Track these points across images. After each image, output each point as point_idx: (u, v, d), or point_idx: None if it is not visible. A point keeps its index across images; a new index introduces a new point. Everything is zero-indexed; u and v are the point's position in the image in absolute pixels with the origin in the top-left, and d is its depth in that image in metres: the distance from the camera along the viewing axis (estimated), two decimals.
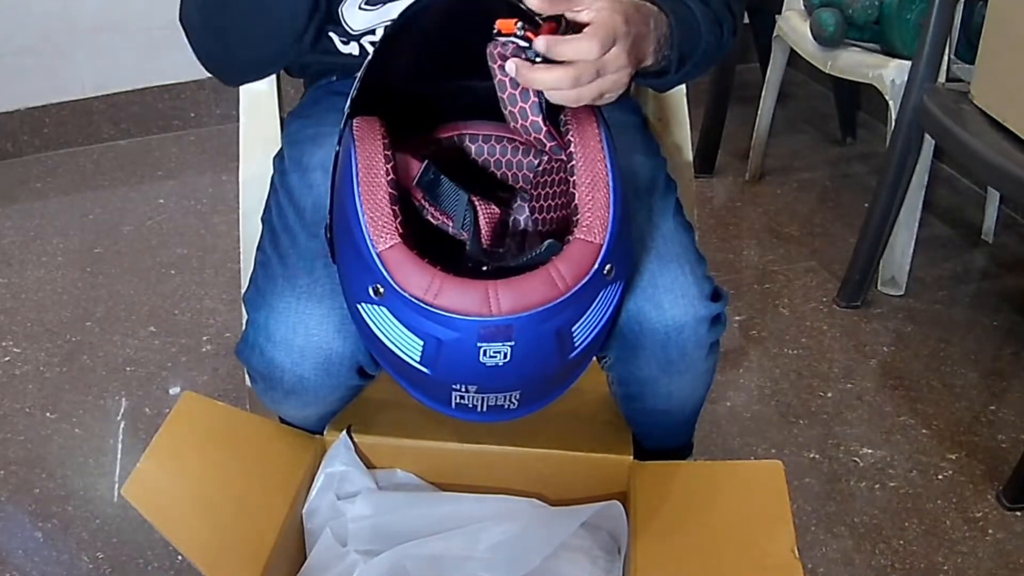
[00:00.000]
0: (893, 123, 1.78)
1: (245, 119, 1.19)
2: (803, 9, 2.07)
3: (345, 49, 1.07)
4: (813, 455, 1.55)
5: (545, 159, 0.92)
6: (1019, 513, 1.44)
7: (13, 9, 2.37)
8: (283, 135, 1.14)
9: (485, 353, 0.75)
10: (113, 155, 2.56)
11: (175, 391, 1.71)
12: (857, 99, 2.55)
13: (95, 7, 2.42)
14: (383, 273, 0.75)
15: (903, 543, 1.40)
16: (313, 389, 0.92)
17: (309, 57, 1.09)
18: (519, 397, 0.82)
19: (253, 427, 1.02)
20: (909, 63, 1.73)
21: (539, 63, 0.77)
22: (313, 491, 1.03)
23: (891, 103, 1.81)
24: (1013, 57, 1.43)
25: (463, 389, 0.80)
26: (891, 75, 1.81)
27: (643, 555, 0.93)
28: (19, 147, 2.53)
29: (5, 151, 2.52)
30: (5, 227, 2.24)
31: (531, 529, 0.98)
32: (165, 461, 0.92)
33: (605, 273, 0.78)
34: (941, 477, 1.51)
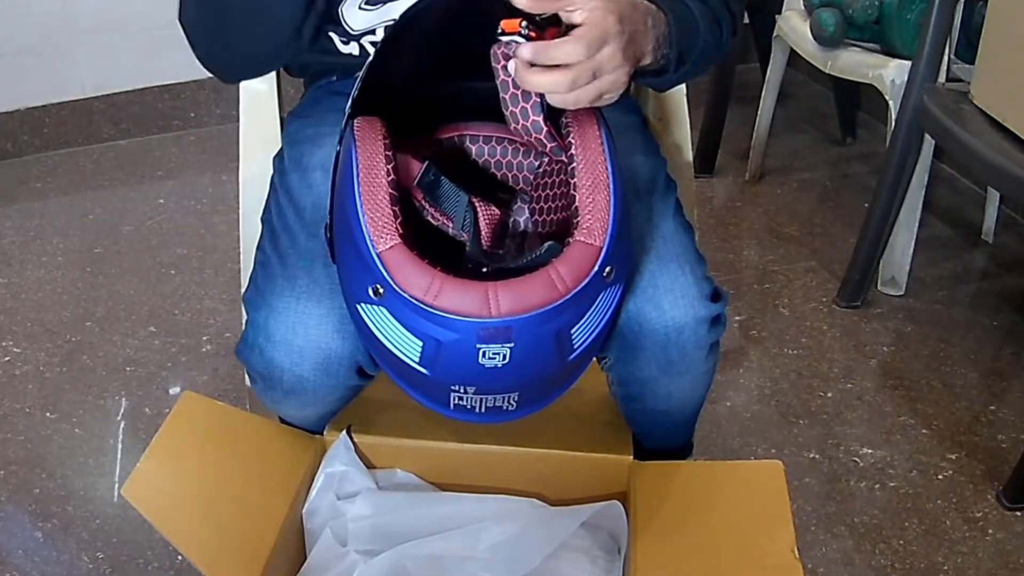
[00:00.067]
0: (893, 123, 1.78)
1: (245, 119, 1.19)
2: (803, 9, 2.07)
3: (345, 49, 1.07)
4: (813, 455, 1.55)
5: (545, 160, 0.92)
6: (1019, 513, 1.44)
7: (13, 9, 2.37)
8: (283, 135, 1.14)
9: (484, 354, 0.75)
10: (113, 155, 2.56)
11: (175, 391, 1.71)
12: (857, 99, 2.55)
13: (95, 7, 2.42)
14: (383, 273, 0.75)
15: (903, 543, 1.40)
16: (312, 389, 0.92)
17: (309, 57, 1.09)
18: (518, 398, 0.82)
19: (253, 427, 1.02)
20: (909, 63, 1.73)
21: (536, 66, 0.77)
22: (313, 491, 1.03)
23: (891, 103, 1.81)
24: (1013, 57, 1.43)
25: (462, 390, 0.80)
26: (891, 75, 1.81)
27: (643, 555, 0.93)
28: (19, 147, 2.53)
29: (5, 151, 2.52)
30: (5, 227, 2.24)
31: (531, 529, 0.98)
32: (165, 461, 0.92)
33: (605, 275, 0.78)
34: (941, 477, 1.51)
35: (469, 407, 0.81)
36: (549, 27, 0.79)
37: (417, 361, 0.78)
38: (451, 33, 0.83)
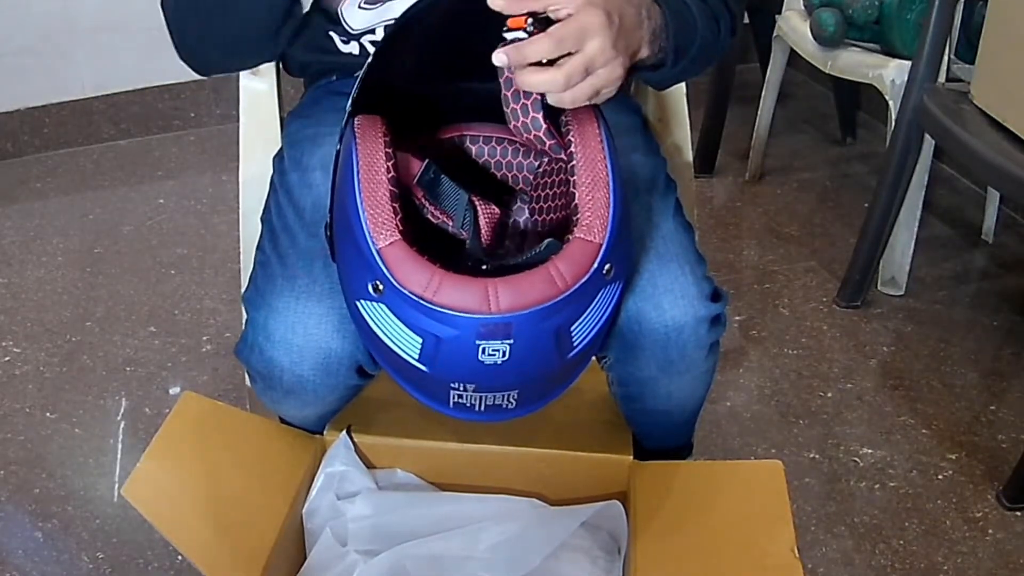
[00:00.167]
0: (893, 123, 1.78)
1: (245, 119, 1.19)
2: (803, 9, 2.07)
3: (345, 48, 1.07)
4: (813, 455, 1.55)
5: (545, 160, 0.92)
6: (1019, 513, 1.44)
7: (13, 9, 2.37)
8: (283, 135, 1.14)
9: (484, 351, 0.75)
10: (113, 155, 2.56)
11: (175, 391, 1.71)
12: (857, 99, 2.55)
13: (95, 7, 2.42)
14: (383, 270, 0.75)
15: (903, 543, 1.40)
16: (312, 388, 0.92)
17: (309, 56, 1.09)
18: (517, 396, 0.81)
19: (253, 427, 1.02)
20: (909, 63, 1.73)
21: (532, 64, 0.77)
22: (313, 491, 1.03)
23: (891, 103, 1.81)
24: (1013, 57, 1.43)
25: (461, 388, 0.79)
26: (891, 75, 1.81)
27: (643, 555, 0.93)
28: (19, 147, 2.53)
29: (5, 151, 2.52)
30: (5, 227, 2.24)
31: (531, 529, 0.98)
32: (165, 461, 0.92)
33: (604, 273, 0.78)
34: (941, 477, 1.51)
35: (469, 405, 0.81)
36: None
37: (416, 358, 0.78)
38: (451, 33, 0.83)
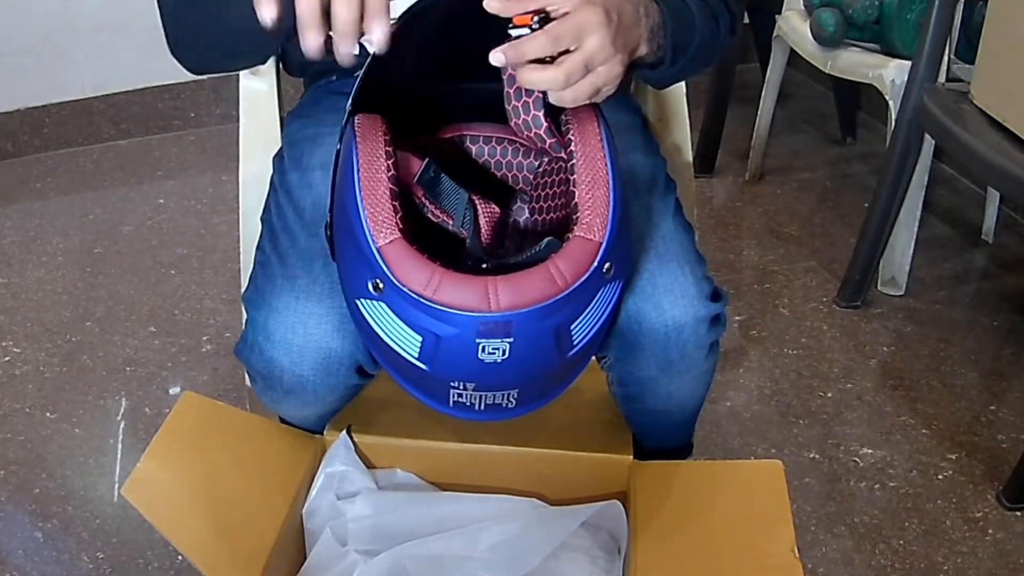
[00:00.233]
0: (893, 123, 1.78)
1: (245, 119, 1.18)
2: (803, 9, 2.07)
3: None
4: (813, 455, 1.55)
5: (545, 160, 0.92)
6: (1019, 513, 1.44)
7: (13, 9, 2.37)
8: (283, 135, 1.14)
9: (483, 350, 0.75)
10: (113, 155, 2.56)
11: (175, 391, 1.71)
12: (857, 99, 2.55)
13: (95, 7, 2.42)
14: (383, 268, 0.75)
15: (903, 543, 1.40)
16: (312, 388, 0.92)
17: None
18: (517, 395, 0.81)
19: (253, 427, 1.02)
20: (909, 63, 1.73)
21: (532, 62, 0.77)
22: (313, 491, 1.02)
23: (891, 103, 1.81)
24: (1013, 57, 1.43)
25: (461, 387, 0.79)
26: (891, 75, 1.81)
27: (643, 555, 0.93)
28: (19, 147, 2.53)
29: (5, 151, 2.52)
30: (5, 227, 2.24)
31: (531, 529, 0.98)
32: (165, 461, 0.92)
33: (604, 271, 0.78)
34: (941, 477, 1.51)
35: (468, 404, 0.81)
36: None
37: (416, 357, 0.77)
38: (451, 33, 0.83)
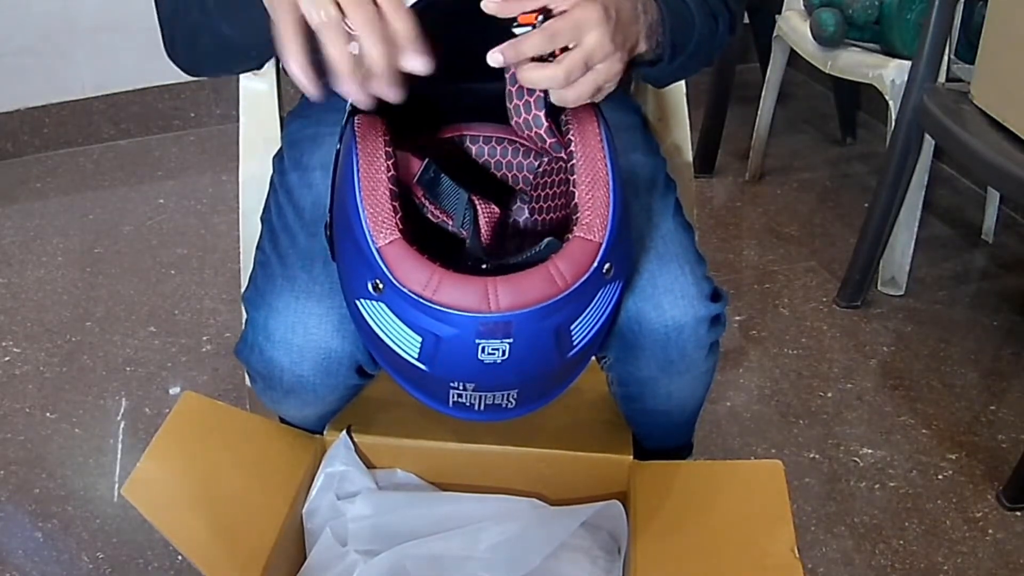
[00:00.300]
0: (893, 123, 1.78)
1: (245, 119, 1.18)
2: (803, 9, 2.07)
3: None
4: (813, 455, 1.55)
5: (545, 160, 0.92)
6: (1019, 513, 1.44)
7: (13, 9, 2.37)
8: (283, 135, 1.14)
9: (483, 350, 0.75)
10: (113, 155, 2.56)
11: (175, 391, 1.71)
12: (857, 99, 2.55)
13: (95, 7, 2.42)
14: (382, 268, 0.75)
15: (903, 543, 1.40)
16: (312, 388, 0.92)
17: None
18: (517, 396, 0.81)
19: (253, 427, 1.02)
20: (909, 63, 1.73)
21: (534, 61, 0.77)
22: (313, 491, 1.02)
23: (891, 103, 1.81)
24: (1013, 57, 1.43)
25: (461, 387, 0.79)
26: (891, 75, 1.81)
27: (643, 555, 0.93)
28: (19, 147, 2.53)
29: (5, 151, 2.52)
30: (5, 227, 2.24)
31: (531, 529, 0.98)
32: (165, 461, 0.92)
33: (604, 272, 0.78)
34: (941, 477, 1.51)
35: (468, 404, 0.81)
36: None
37: (416, 357, 0.77)
38: (451, 33, 0.83)
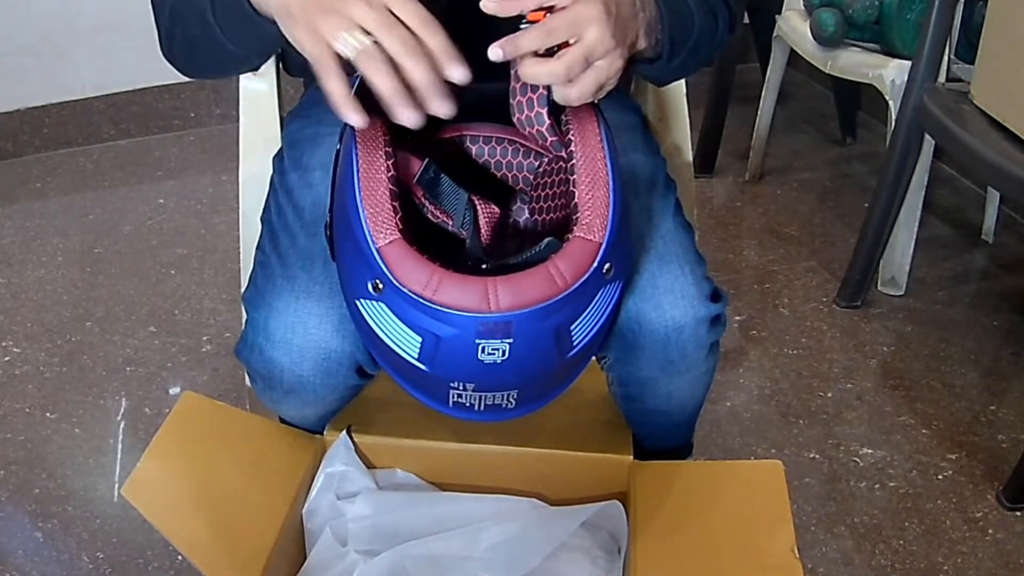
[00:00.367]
0: (893, 123, 1.78)
1: (245, 119, 1.18)
2: (803, 9, 2.07)
3: None
4: (813, 455, 1.55)
5: (545, 160, 0.92)
6: (1019, 513, 1.44)
7: (13, 9, 2.37)
8: (283, 135, 1.14)
9: (483, 350, 0.75)
10: (113, 155, 2.56)
11: (175, 391, 1.71)
12: (857, 99, 2.55)
13: (95, 7, 2.42)
14: (382, 268, 0.75)
15: (903, 543, 1.40)
16: (312, 388, 0.92)
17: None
18: (517, 396, 0.81)
19: (253, 427, 1.02)
20: (909, 63, 1.73)
21: (537, 56, 0.77)
22: (313, 491, 1.02)
23: (891, 103, 1.81)
24: (1013, 57, 1.43)
25: (461, 387, 0.79)
26: (891, 75, 1.81)
27: (643, 555, 0.93)
28: (19, 147, 2.53)
29: (5, 151, 2.52)
30: (5, 227, 2.24)
31: (531, 529, 0.98)
32: (165, 461, 0.92)
33: (604, 272, 0.78)
34: (941, 477, 1.51)
35: (468, 405, 0.81)
36: None
37: (416, 357, 0.77)
38: (451, 32, 0.83)
